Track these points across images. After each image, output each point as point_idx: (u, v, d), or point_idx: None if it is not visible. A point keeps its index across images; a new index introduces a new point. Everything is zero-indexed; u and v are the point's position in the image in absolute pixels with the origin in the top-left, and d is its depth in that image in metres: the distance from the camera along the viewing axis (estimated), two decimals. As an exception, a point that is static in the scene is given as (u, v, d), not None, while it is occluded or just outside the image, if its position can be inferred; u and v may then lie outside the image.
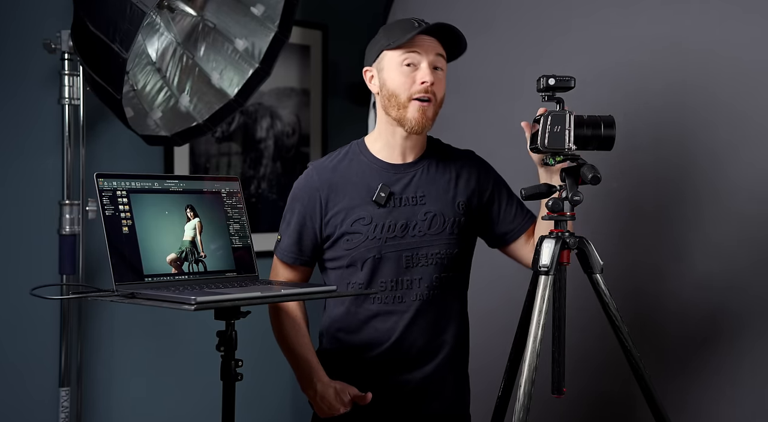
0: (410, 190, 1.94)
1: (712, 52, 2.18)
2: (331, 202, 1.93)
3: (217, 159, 3.06)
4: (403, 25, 1.89)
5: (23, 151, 2.56)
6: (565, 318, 1.82)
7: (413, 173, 1.95)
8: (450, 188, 1.96)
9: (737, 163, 2.13)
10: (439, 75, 1.89)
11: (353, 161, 1.97)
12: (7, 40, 2.53)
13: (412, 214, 1.92)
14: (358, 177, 1.94)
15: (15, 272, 2.54)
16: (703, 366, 2.18)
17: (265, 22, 2.65)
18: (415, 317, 1.92)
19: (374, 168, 1.95)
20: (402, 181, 1.94)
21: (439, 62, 1.89)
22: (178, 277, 1.71)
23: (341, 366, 1.97)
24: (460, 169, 1.99)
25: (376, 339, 1.93)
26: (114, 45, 2.13)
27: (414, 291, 1.92)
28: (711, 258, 2.17)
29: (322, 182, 1.94)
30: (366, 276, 1.91)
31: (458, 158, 2.01)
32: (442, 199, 1.95)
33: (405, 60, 1.86)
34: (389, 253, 1.90)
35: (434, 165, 1.97)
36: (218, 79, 2.66)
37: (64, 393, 2.49)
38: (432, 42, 1.88)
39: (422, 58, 1.86)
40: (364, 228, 1.91)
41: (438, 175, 1.96)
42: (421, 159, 1.97)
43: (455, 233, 1.94)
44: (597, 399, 2.36)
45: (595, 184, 1.74)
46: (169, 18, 2.59)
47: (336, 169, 1.96)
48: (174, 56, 2.62)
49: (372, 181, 1.93)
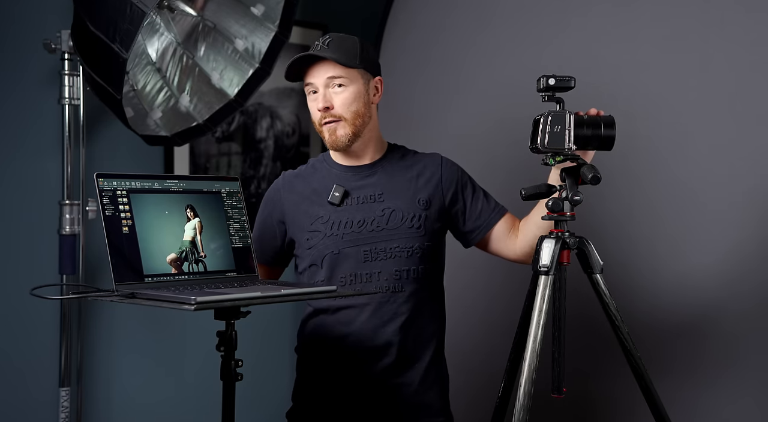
0: (368, 189, 2.00)
1: (711, 51, 2.18)
2: (293, 204, 2.03)
3: (217, 159, 3.06)
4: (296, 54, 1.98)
5: (23, 151, 2.56)
6: (565, 318, 1.82)
7: (371, 174, 2.02)
8: (410, 186, 2.02)
9: (737, 163, 2.13)
10: (338, 91, 1.94)
11: (316, 168, 2.08)
12: (7, 40, 2.52)
13: (369, 211, 1.98)
14: (318, 181, 2.04)
15: (15, 272, 2.54)
16: (704, 366, 2.18)
17: (265, 22, 2.65)
18: (376, 310, 1.96)
19: (333, 172, 2.04)
20: (359, 181, 2.02)
21: (336, 81, 1.94)
22: (178, 277, 1.71)
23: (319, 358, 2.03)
24: (422, 169, 2.04)
25: (343, 332, 1.98)
26: (114, 45, 2.13)
27: (373, 284, 1.96)
28: (711, 258, 2.17)
29: (285, 185, 2.07)
30: (326, 272, 1.98)
31: (421, 160, 2.07)
32: (402, 196, 2.00)
33: (307, 90, 1.98)
34: (347, 249, 1.96)
35: (393, 166, 2.04)
36: (218, 79, 2.66)
37: (64, 393, 2.49)
38: (323, 65, 1.94)
39: (316, 85, 1.96)
40: (322, 226, 1.98)
41: (397, 174, 2.03)
42: (379, 161, 2.04)
43: (415, 227, 1.98)
44: (597, 399, 2.36)
45: (595, 184, 1.74)
46: (169, 18, 2.59)
47: (299, 175, 2.08)
48: (174, 56, 2.62)
49: (330, 184, 2.01)
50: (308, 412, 2.05)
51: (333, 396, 2.01)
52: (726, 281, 2.15)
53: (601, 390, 2.34)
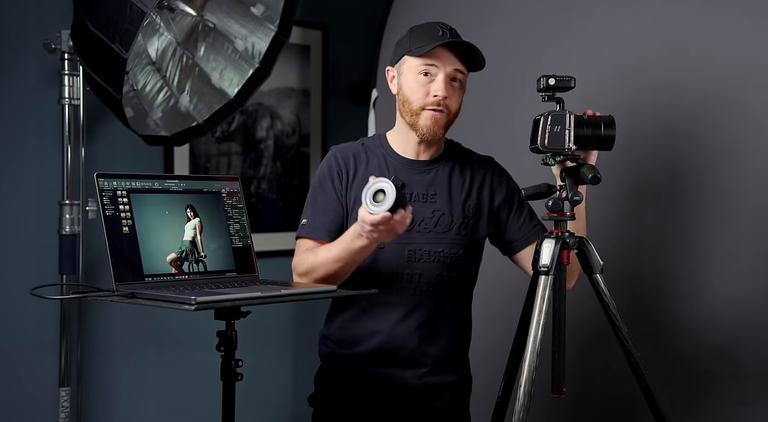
0: (422, 187, 1.95)
1: (712, 52, 2.18)
2: (350, 180, 1.95)
3: (217, 159, 3.06)
4: (428, 32, 1.90)
5: (23, 151, 2.56)
6: (565, 318, 1.82)
7: (427, 172, 1.97)
8: (462, 190, 1.98)
9: (738, 163, 2.13)
10: (455, 88, 1.91)
11: (371, 151, 1.99)
12: (7, 40, 2.52)
13: (419, 210, 1.93)
14: (373, 166, 1.97)
15: (15, 272, 2.54)
16: (704, 366, 2.18)
17: (265, 22, 2.65)
18: (411, 311, 1.93)
19: (390, 160, 1.98)
20: (415, 177, 1.96)
21: (457, 75, 1.91)
22: (178, 277, 1.71)
23: (343, 359, 1.98)
24: (476, 174, 2.00)
25: (371, 329, 1.94)
26: (114, 45, 2.13)
27: (413, 286, 1.93)
28: (711, 257, 2.17)
29: (344, 161, 1.97)
30: (367, 262, 1.90)
31: (476, 163, 2.03)
32: (453, 200, 1.96)
33: (423, 70, 1.88)
34: (392, 245, 1.90)
35: (450, 166, 1.99)
36: (218, 79, 2.66)
37: (64, 393, 2.49)
38: (452, 55, 1.89)
39: (439, 70, 1.88)
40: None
41: (452, 176, 1.98)
42: (437, 159, 1.99)
43: (461, 234, 1.95)
44: (597, 399, 2.36)
45: (595, 184, 1.74)
46: (169, 18, 2.59)
47: (356, 154, 1.99)
48: (174, 56, 2.62)
49: (386, 173, 1.95)
50: (331, 398, 2.01)
51: (356, 391, 1.98)
52: (726, 281, 2.14)
53: (601, 390, 2.34)
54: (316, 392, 2.06)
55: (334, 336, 2.01)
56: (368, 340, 1.95)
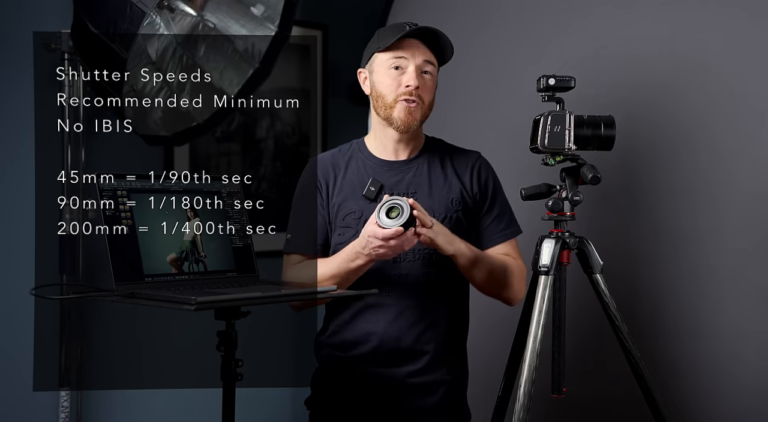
0: (402, 186, 1.96)
1: (712, 52, 2.18)
2: (330, 190, 1.98)
3: (217, 159, 3.06)
4: (394, 29, 1.92)
5: (23, 151, 2.56)
6: (565, 318, 1.82)
7: (407, 170, 1.98)
8: (444, 184, 1.97)
9: (737, 163, 2.14)
10: (426, 79, 1.92)
11: (350, 157, 2.01)
12: (7, 40, 2.52)
13: None
14: (352, 172, 1.98)
15: (15, 272, 2.54)
16: (704, 366, 2.18)
17: (265, 22, 2.64)
18: (403, 310, 1.93)
19: (368, 164, 1.99)
20: (395, 177, 1.97)
21: (428, 67, 1.92)
22: (178, 277, 1.72)
23: (339, 363, 1.99)
24: (457, 166, 2.00)
25: (366, 331, 1.95)
26: (114, 45, 2.13)
27: (402, 286, 1.93)
28: (711, 257, 2.17)
29: (323, 171, 1.99)
30: None
31: (458, 156, 2.02)
32: (436, 195, 1.96)
33: (393, 63, 1.90)
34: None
35: (430, 162, 1.99)
36: (218, 79, 2.66)
37: (64, 393, 2.49)
38: (420, 47, 1.91)
39: (409, 62, 1.90)
40: (353, 221, 1.94)
41: (434, 172, 1.98)
42: (417, 157, 1.99)
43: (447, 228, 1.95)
44: (597, 399, 2.36)
45: (595, 184, 1.75)
46: (169, 18, 2.59)
47: (333, 162, 2.01)
48: (174, 56, 2.62)
49: (365, 177, 1.96)
50: (327, 400, 2.02)
51: (353, 392, 1.99)
52: (726, 281, 2.15)
53: (601, 390, 2.34)
54: (313, 395, 2.06)
55: (330, 341, 2.02)
56: (364, 343, 1.96)
